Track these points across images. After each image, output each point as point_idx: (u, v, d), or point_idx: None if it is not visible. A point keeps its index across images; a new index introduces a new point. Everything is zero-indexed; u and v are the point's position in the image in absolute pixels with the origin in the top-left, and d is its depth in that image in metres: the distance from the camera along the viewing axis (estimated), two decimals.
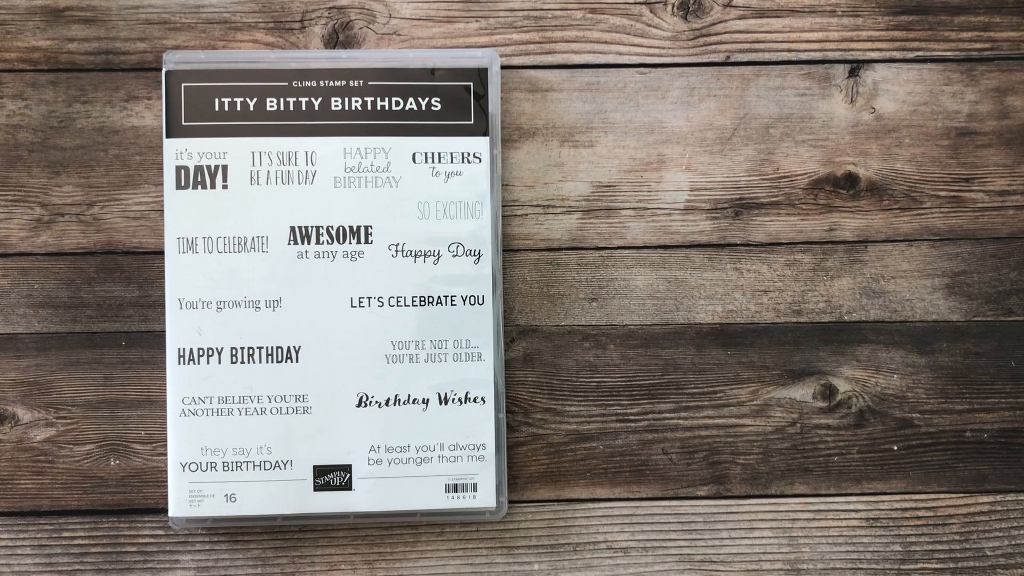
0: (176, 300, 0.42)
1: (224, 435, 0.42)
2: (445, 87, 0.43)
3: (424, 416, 0.43)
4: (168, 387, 0.42)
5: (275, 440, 0.43)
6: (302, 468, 0.43)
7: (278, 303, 0.43)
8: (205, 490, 0.42)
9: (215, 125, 0.43)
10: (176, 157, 0.42)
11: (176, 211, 0.42)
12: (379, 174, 0.43)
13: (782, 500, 0.46)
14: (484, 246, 0.43)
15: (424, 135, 0.43)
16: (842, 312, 0.46)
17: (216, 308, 0.42)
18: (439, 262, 0.43)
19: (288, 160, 0.43)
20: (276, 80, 0.43)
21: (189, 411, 0.42)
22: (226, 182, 0.43)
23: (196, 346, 0.42)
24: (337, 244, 0.43)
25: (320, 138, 0.43)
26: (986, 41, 0.46)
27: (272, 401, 0.43)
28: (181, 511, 0.42)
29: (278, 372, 0.43)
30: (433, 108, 0.43)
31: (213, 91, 0.43)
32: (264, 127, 0.43)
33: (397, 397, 0.43)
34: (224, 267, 0.42)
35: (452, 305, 0.43)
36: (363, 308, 0.43)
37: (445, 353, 0.43)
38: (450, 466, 0.43)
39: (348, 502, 0.43)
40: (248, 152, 0.43)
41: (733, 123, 0.46)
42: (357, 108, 0.43)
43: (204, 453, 0.42)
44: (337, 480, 0.43)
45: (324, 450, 0.43)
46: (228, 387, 0.42)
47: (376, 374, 0.43)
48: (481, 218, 0.43)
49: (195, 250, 0.42)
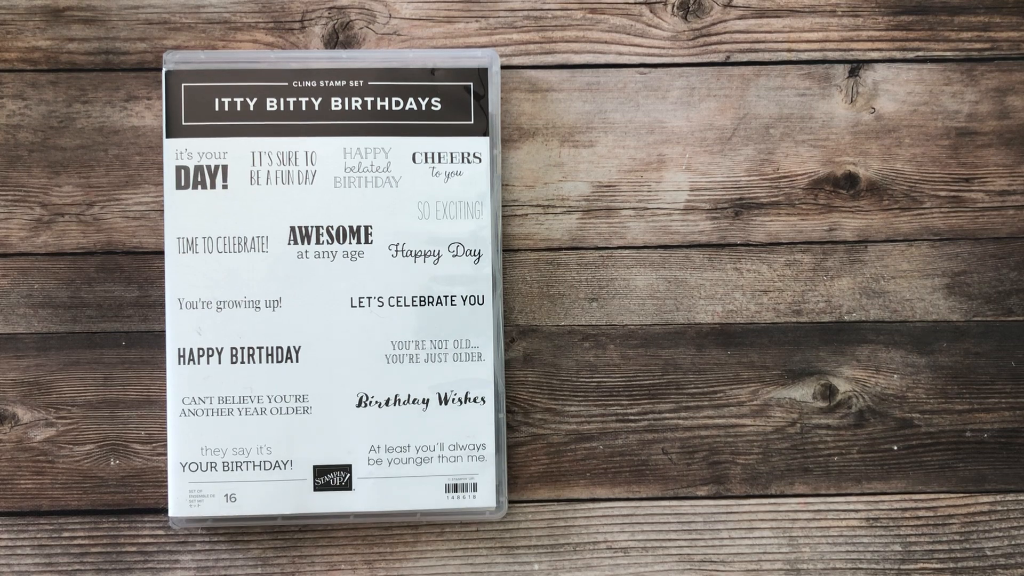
0: (176, 300, 0.42)
1: (224, 435, 0.42)
2: (445, 87, 0.43)
3: (424, 416, 0.43)
4: (168, 387, 0.42)
5: (275, 440, 0.43)
6: (302, 468, 0.43)
7: (278, 303, 0.43)
8: (205, 490, 0.42)
9: (215, 125, 0.43)
10: (176, 157, 0.42)
11: (176, 211, 0.42)
12: (379, 174, 0.43)
13: (782, 500, 0.46)
14: (484, 246, 0.43)
15: (424, 135, 0.43)
16: (842, 312, 0.46)
17: (216, 308, 0.42)
18: (439, 262, 0.43)
19: (288, 160, 0.43)
20: (276, 80, 0.43)
21: (189, 411, 0.42)
22: (226, 182, 0.43)
23: (196, 346, 0.42)
24: (337, 244, 0.43)
25: (320, 138, 0.43)
26: (986, 41, 0.46)
27: (272, 401, 0.42)
28: (181, 511, 0.42)
29: (278, 372, 0.42)
30: (433, 108, 0.43)
31: (213, 91, 0.43)
32: (264, 127, 0.43)
33: (397, 397, 0.43)
34: (224, 267, 0.42)
35: (452, 305, 0.43)
36: (363, 308, 0.43)
37: (445, 353, 0.43)
38: (450, 466, 0.43)
39: (348, 502, 0.43)
40: (248, 152, 0.43)
41: (733, 123, 0.46)
42: (357, 108, 0.43)
43: (204, 453, 0.42)
44: (337, 480, 0.43)
45: (324, 450, 0.43)
46: (228, 387, 0.42)
47: (376, 374, 0.43)
48: (481, 218, 0.43)
49: (195, 250, 0.42)
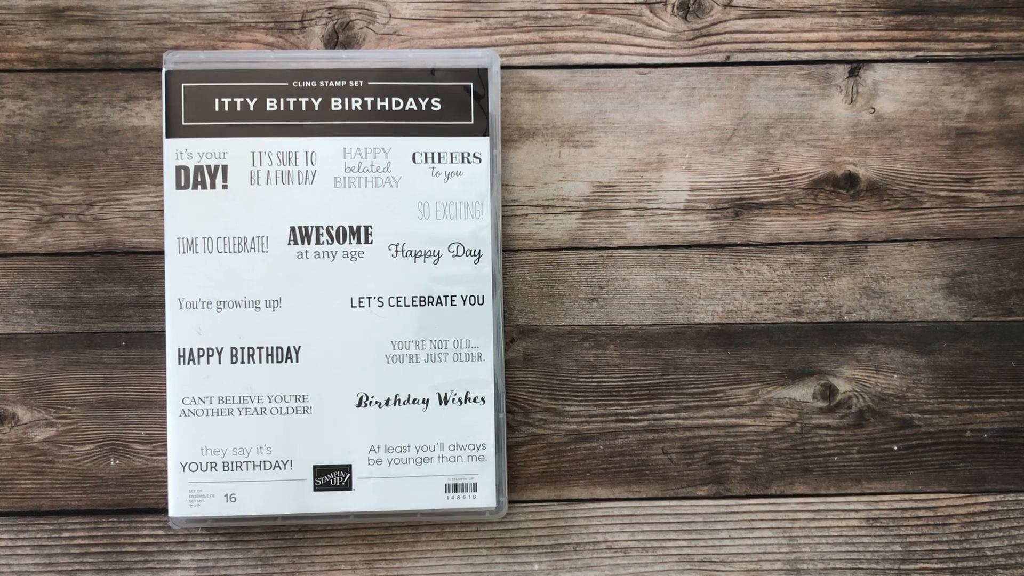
0: (176, 300, 0.42)
1: (224, 435, 0.42)
2: (445, 87, 0.43)
3: (424, 416, 0.43)
4: (168, 387, 0.42)
5: (275, 440, 0.42)
6: (302, 468, 0.43)
7: (278, 303, 0.43)
8: (205, 490, 0.42)
9: (215, 125, 0.43)
10: (176, 157, 0.42)
11: (176, 211, 0.42)
12: (379, 174, 0.43)
13: (782, 500, 0.46)
14: (484, 246, 0.43)
15: (424, 135, 0.43)
16: (842, 312, 0.46)
17: (216, 308, 0.42)
18: (439, 262, 0.43)
19: (288, 160, 0.43)
20: (276, 80, 0.43)
21: (189, 411, 0.42)
22: (226, 182, 0.43)
23: (196, 346, 0.42)
24: (337, 244, 0.43)
25: (320, 138, 0.43)
26: (986, 41, 0.46)
27: (272, 401, 0.42)
28: (181, 511, 0.42)
29: (278, 372, 0.42)
30: (433, 108, 0.43)
31: (213, 91, 0.43)
32: (264, 127, 0.43)
33: (397, 397, 0.43)
34: (224, 267, 0.42)
35: (452, 305, 0.43)
36: (363, 308, 0.43)
37: (445, 353, 0.43)
38: (450, 466, 0.43)
39: (348, 502, 0.43)
40: (248, 152, 0.43)
41: (733, 123, 0.46)
42: (357, 108, 0.43)
43: (204, 453, 0.42)
44: (337, 480, 0.43)
45: (324, 450, 0.43)
46: (228, 387, 0.42)
47: (376, 374, 0.43)
48: (481, 218, 0.43)
49: (195, 250, 0.42)
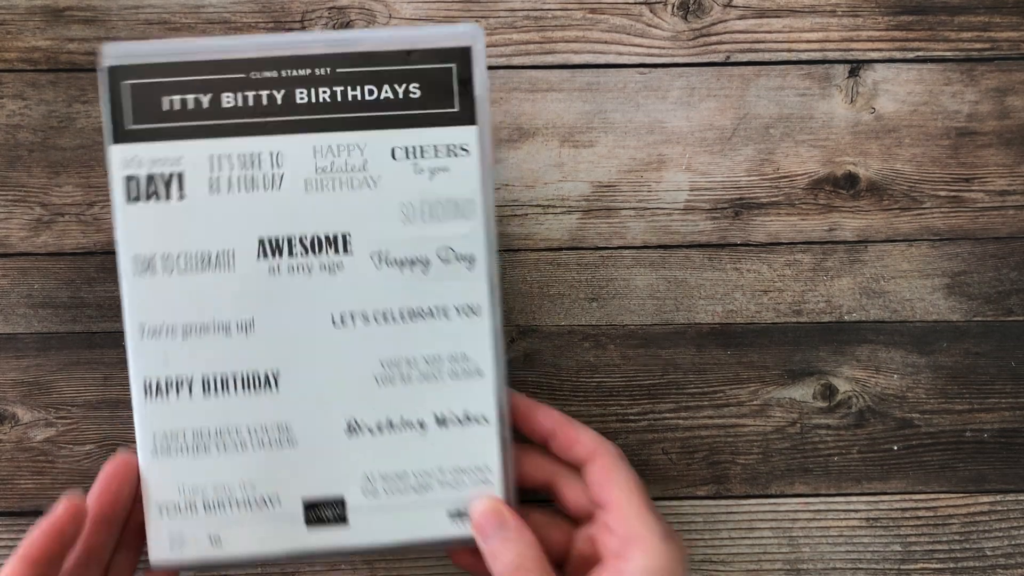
0: (138, 326, 0.38)
1: (202, 472, 0.38)
2: (424, 71, 0.38)
3: (422, 440, 0.39)
4: (136, 424, 0.38)
5: (259, 475, 0.38)
6: (291, 503, 0.38)
7: (251, 325, 0.38)
8: (187, 532, 0.38)
9: (166, 127, 0.37)
10: (124, 166, 0.37)
11: (129, 227, 0.38)
12: (355, 174, 0.38)
13: (782, 500, 0.46)
14: (478, 249, 0.39)
15: (403, 127, 0.38)
16: (842, 312, 0.46)
17: (183, 335, 0.38)
18: (428, 270, 0.38)
19: (251, 163, 0.38)
20: (231, 72, 0.37)
21: (161, 448, 0.38)
22: (183, 191, 0.37)
23: (164, 376, 0.38)
24: (313, 256, 0.38)
25: (286, 136, 0.38)
26: (986, 41, 0.46)
27: (253, 434, 0.38)
28: (162, 556, 0.38)
29: (256, 401, 0.38)
30: (412, 95, 0.38)
31: (160, 88, 0.37)
32: (221, 127, 0.38)
33: (390, 421, 0.39)
34: (188, 288, 0.38)
35: (445, 318, 0.39)
36: (346, 326, 0.38)
37: (440, 371, 0.39)
38: (453, 492, 0.39)
39: (344, 537, 0.39)
40: (205, 156, 0.38)
41: (733, 123, 0.46)
42: (325, 100, 0.38)
43: (182, 492, 0.38)
44: (330, 513, 0.39)
45: (314, 483, 0.38)
46: (202, 420, 0.38)
47: (365, 398, 0.38)
48: (473, 218, 0.38)
49: (154, 270, 0.37)
